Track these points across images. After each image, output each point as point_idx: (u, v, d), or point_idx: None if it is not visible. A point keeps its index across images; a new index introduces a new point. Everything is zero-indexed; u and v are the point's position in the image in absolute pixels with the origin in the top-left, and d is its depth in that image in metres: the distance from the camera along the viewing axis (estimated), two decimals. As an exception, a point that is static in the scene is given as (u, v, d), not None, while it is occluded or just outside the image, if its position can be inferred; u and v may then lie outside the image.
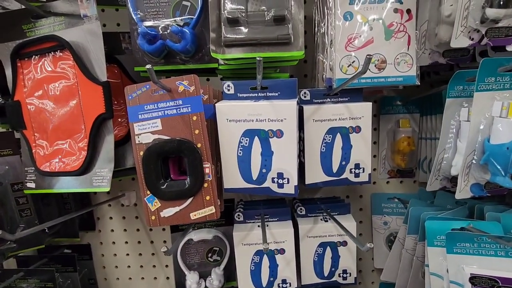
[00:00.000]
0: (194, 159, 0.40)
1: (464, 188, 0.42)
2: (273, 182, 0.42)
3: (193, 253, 0.62)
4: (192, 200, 0.41)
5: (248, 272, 0.54)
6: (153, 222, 0.42)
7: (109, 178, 0.42)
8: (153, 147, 0.40)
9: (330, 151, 0.47)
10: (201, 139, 0.40)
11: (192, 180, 0.41)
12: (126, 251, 0.71)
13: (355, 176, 0.49)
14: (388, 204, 0.67)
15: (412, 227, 0.52)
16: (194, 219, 0.42)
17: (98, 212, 0.70)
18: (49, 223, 0.48)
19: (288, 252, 0.54)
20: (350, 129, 0.47)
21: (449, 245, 0.42)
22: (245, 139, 0.41)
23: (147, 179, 0.41)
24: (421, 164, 0.65)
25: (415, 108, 0.64)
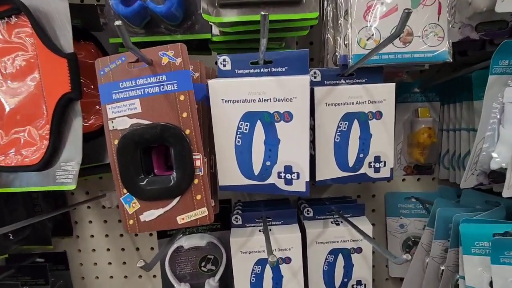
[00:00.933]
0: (181, 149, 0.32)
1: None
2: (280, 177, 0.35)
3: (183, 262, 0.54)
4: (180, 200, 0.33)
5: (248, 284, 0.46)
6: (131, 228, 0.34)
7: (75, 173, 0.34)
8: (130, 134, 0.32)
9: (346, 141, 0.40)
10: (190, 124, 0.32)
11: (179, 175, 0.33)
12: (108, 259, 0.63)
13: (375, 171, 0.41)
14: (405, 204, 0.60)
15: (440, 231, 0.45)
16: (181, 224, 0.34)
17: (76, 215, 0.61)
18: (7, 228, 0.40)
19: (295, 261, 0.46)
20: (370, 114, 0.40)
21: (495, 254, 0.34)
22: (245, 124, 0.33)
23: (124, 175, 0.33)
24: (441, 159, 0.58)
25: (435, 96, 0.57)
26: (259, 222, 0.49)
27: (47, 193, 0.55)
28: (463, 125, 0.51)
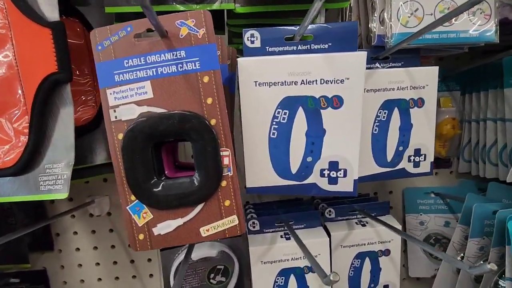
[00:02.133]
0: (206, 144, 0.26)
1: None
2: (322, 175, 0.29)
3: (190, 274, 0.47)
4: (204, 207, 0.27)
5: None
6: (141, 244, 0.27)
7: (66, 177, 0.27)
8: (140, 126, 0.25)
9: (385, 133, 0.35)
10: (216, 112, 0.26)
11: (203, 176, 0.26)
12: (98, 275, 0.54)
13: (414, 165, 0.37)
14: (424, 200, 0.56)
15: (477, 229, 0.42)
16: (206, 237, 0.27)
17: (58, 227, 0.52)
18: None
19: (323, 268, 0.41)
20: (411, 102, 0.35)
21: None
22: (283, 112, 0.27)
23: (131, 178, 0.26)
24: (462, 151, 0.55)
25: (455, 85, 0.54)
26: (279, 227, 0.43)
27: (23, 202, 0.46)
28: (489, 115, 0.48)
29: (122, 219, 0.52)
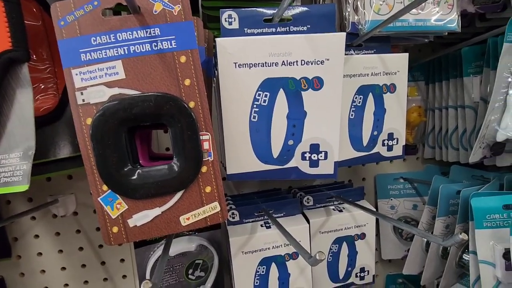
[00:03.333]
0: (185, 128, 0.25)
1: (530, 152, 0.34)
2: (304, 159, 0.29)
3: (167, 271, 0.45)
4: (183, 195, 0.25)
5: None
6: (115, 237, 0.25)
7: (26, 168, 0.24)
8: (111, 110, 0.24)
9: (361, 118, 0.36)
10: (195, 94, 0.25)
11: (183, 162, 0.25)
12: (64, 280, 0.50)
13: (388, 149, 0.38)
14: (394, 185, 0.59)
15: (443, 208, 0.44)
16: (186, 226, 0.26)
17: (15, 230, 0.47)
18: None
19: (303, 255, 0.41)
20: (384, 87, 0.36)
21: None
22: (264, 94, 0.27)
23: (102, 166, 0.24)
24: (427, 138, 0.58)
25: (420, 75, 0.57)
26: (259, 216, 0.43)
27: None
28: (450, 102, 0.52)
29: (91, 218, 0.49)
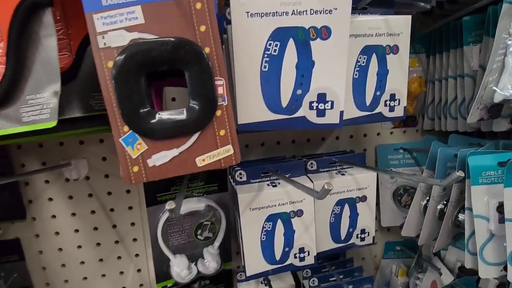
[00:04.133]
0: (201, 72, 0.26)
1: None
2: (311, 108, 0.31)
3: (177, 231, 0.47)
4: (199, 137, 0.27)
5: (258, 243, 0.42)
6: (135, 176, 0.27)
7: (53, 105, 0.25)
8: (132, 52, 0.25)
9: (364, 78, 0.37)
10: (209, 40, 0.26)
11: (199, 105, 0.26)
12: (77, 242, 0.52)
13: (390, 110, 0.40)
14: (394, 155, 0.61)
15: (441, 171, 0.46)
16: (202, 167, 0.28)
17: (30, 193, 0.49)
18: None
19: (307, 213, 0.43)
20: (388, 48, 0.38)
21: (509, 177, 0.36)
22: (274, 44, 0.28)
23: (124, 107, 0.26)
24: (426, 110, 0.60)
25: (421, 48, 0.58)
26: (265, 177, 0.45)
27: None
28: (450, 73, 0.53)
29: (102, 183, 0.51)
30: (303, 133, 0.57)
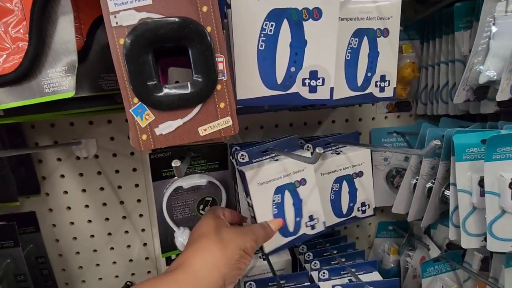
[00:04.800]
0: (203, 49, 0.29)
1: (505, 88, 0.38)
2: (304, 84, 0.33)
3: (180, 205, 0.51)
4: (201, 109, 0.30)
5: (271, 217, 0.45)
6: (144, 144, 0.30)
7: (71, 78, 0.28)
8: (141, 30, 0.28)
9: (356, 59, 0.40)
10: (211, 20, 0.29)
11: (201, 79, 0.29)
12: (87, 217, 0.56)
13: (380, 90, 0.43)
14: (388, 139, 0.64)
15: (429, 150, 0.49)
16: (204, 136, 0.31)
17: (43, 170, 0.53)
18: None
19: (309, 181, 0.45)
20: (378, 31, 0.40)
21: (489, 152, 0.38)
22: (270, 24, 0.31)
23: (134, 80, 0.28)
24: (420, 95, 0.62)
25: (415, 34, 0.61)
26: (265, 156, 0.47)
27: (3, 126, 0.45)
28: (442, 58, 0.56)
29: (110, 161, 0.54)
30: (300, 117, 0.60)
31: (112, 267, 0.59)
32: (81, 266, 0.58)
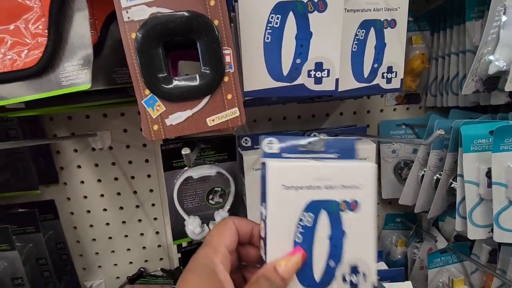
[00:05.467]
0: (211, 42, 0.30)
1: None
2: (310, 76, 0.34)
3: (191, 195, 0.52)
4: (209, 100, 0.31)
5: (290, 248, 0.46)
6: (155, 134, 0.31)
7: (87, 71, 0.30)
8: (152, 24, 0.29)
9: (362, 50, 0.40)
10: (218, 13, 0.30)
11: (209, 71, 0.30)
12: (103, 206, 0.59)
13: (387, 81, 0.43)
14: (396, 131, 0.64)
15: (437, 142, 0.49)
16: (212, 126, 0.32)
17: (61, 161, 0.55)
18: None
19: (365, 207, 0.46)
20: (385, 23, 0.40)
21: (496, 142, 0.38)
22: (276, 16, 0.32)
23: (145, 73, 0.30)
24: (429, 87, 0.62)
25: (426, 25, 0.60)
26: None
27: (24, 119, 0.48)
28: (452, 49, 0.55)
29: (124, 153, 0.56)
30: (308, 109, 0.61)
31: (126, 254, 0.62)
32: (97, 252, 0.61)
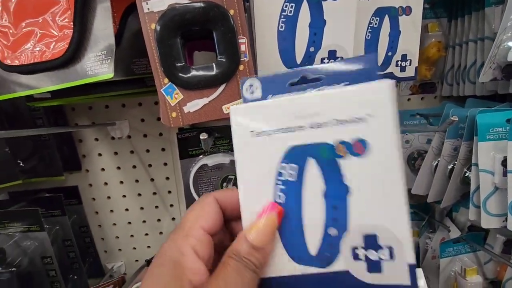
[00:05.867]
0: (226, 31, 0.31)
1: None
2: (323, 63, 0.35)
3: (205, 182, 0.54)
4: (225, 88, 0.32)
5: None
6: (174, 121, 0.33)
7: (110, 61, 0.31)
8: (170, 15, 0.30)
9: (376, 38, 0.40)
10: (233, 3, 0.30)
11: (225, 60, 0.31)
12: (122, 192, 0.61)
13: (401, 70, 0.43)
14: (410, 121, 0.63)
15: (452, 131, 0.48)
16: (227, 113, 0.33)
17: (83, 149, 0.58)
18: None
19: (379, 147, 0.47)
20: (400, 10, 0.40)
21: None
22: (290, 5, 0.32)
23: (164, 62, 0.31)
24: (446, 76, 0.61)
25: (443, 12, 0.58)
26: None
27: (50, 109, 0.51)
28: (470, 36, 0.53)
29: (141, 141, 0.59)
30: (320, 99, 0.61)
31: (144, 238, 0.65)
32: (118, 236, 0.64)
